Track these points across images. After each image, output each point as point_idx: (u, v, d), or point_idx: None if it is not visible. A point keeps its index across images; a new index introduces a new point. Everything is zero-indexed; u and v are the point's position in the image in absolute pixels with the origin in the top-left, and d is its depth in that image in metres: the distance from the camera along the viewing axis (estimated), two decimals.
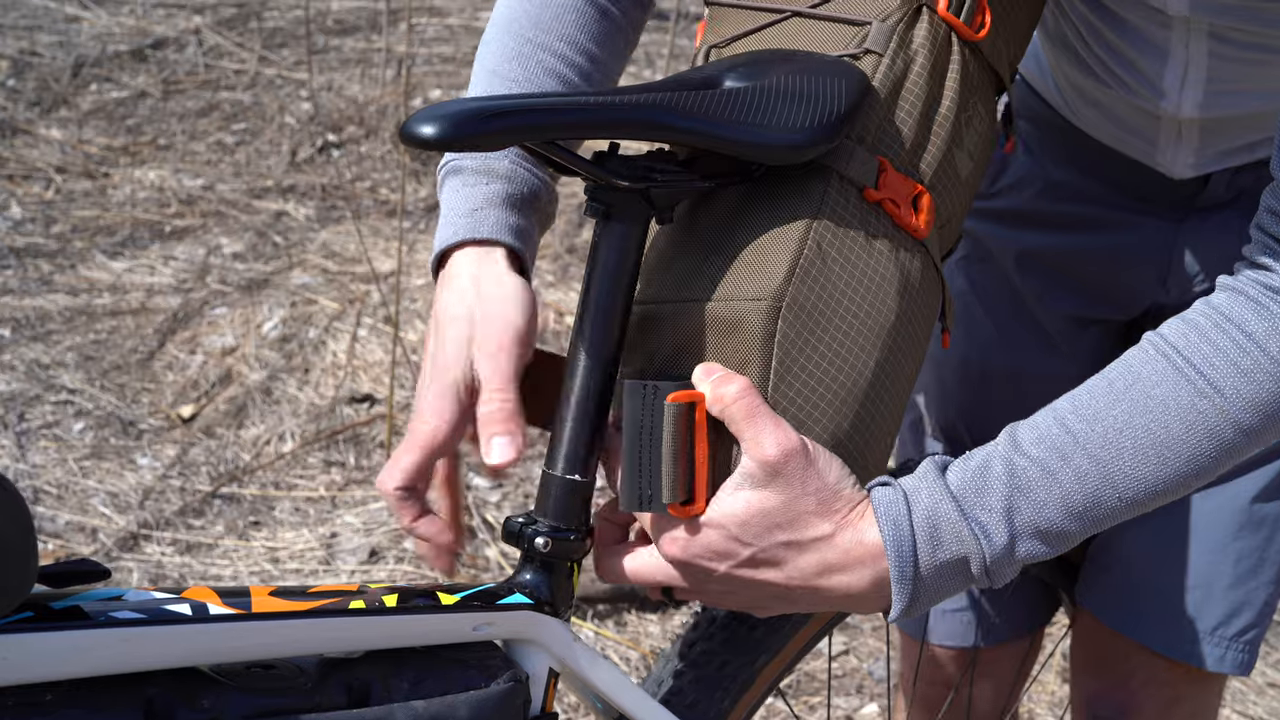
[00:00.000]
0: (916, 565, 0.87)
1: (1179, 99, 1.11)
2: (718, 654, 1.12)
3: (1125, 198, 1.26)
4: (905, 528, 0.87)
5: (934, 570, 0.88)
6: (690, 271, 0.92)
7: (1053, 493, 0.87)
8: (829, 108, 0.90)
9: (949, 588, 0.89)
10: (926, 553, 0.87)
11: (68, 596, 0.75)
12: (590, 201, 0.90)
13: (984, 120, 1.02)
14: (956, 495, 0.88)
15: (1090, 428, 0.88)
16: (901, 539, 0.87)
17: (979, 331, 1.37)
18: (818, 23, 0.98)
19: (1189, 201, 1.23)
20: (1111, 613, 1.31)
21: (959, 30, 0.98)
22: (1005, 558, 0.88)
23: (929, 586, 0.88)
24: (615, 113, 0.85)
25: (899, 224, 0.95)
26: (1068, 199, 1.29)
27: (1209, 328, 0.88)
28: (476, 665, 0.88)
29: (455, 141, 0.80)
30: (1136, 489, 0.88)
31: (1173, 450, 0.87)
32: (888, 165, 0.94)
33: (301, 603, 0.81)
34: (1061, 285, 1.32)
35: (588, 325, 0.90)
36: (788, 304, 0.88)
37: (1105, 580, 1.32)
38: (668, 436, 0.87)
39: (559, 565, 0.93)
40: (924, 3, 0.97)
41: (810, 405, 0.90)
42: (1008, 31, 1.04)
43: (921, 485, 0.88)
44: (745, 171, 0.93)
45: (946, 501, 0.87)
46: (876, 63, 0.96)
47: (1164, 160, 1.20)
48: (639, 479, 0.88)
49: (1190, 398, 0.87)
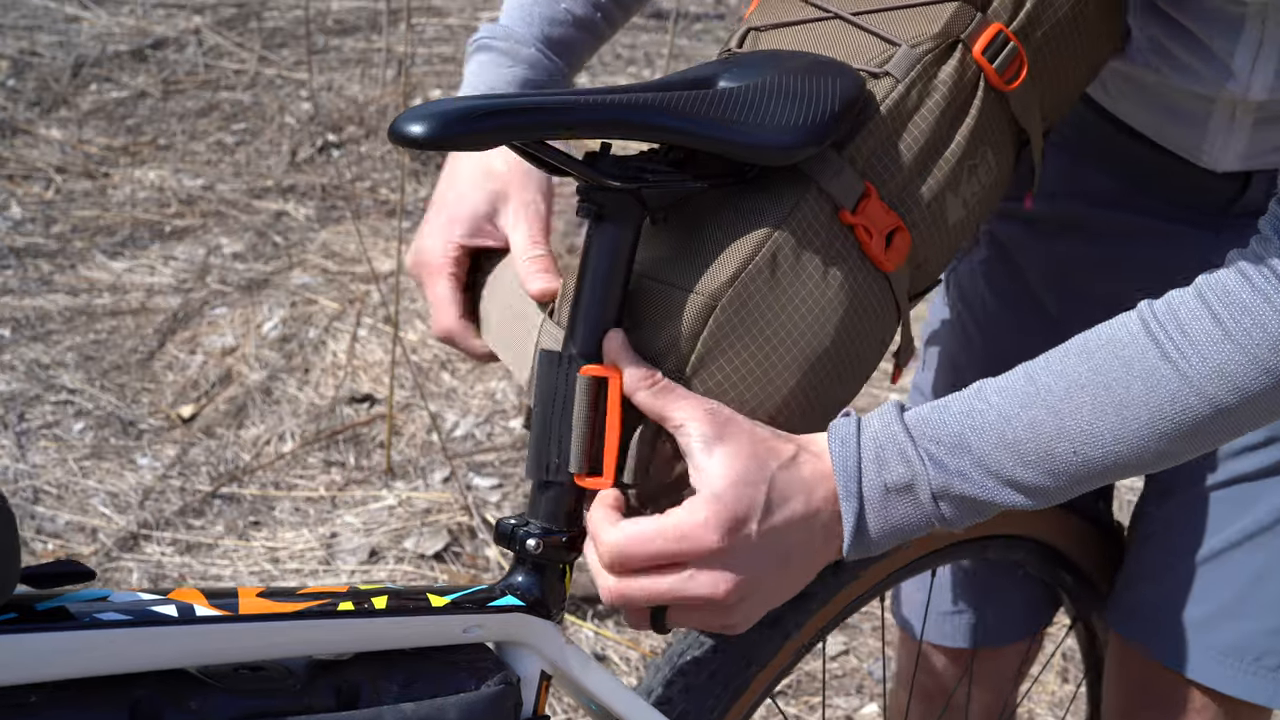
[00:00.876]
0: (860, 482, 0.87)
1: (1249, 79, 1.06)
2: (708, 663, 1.11)
3: (1161, 202, 1.22)
4: (852, 445, 0.88)
5: (879, 492, 0.88)
6: (659, 254, 0.92)
7: (1005, 436, 0.87)
8: (820, 108, 0.90)
9: (898, 519, 0.89)
10: (872, 472, 0.87)
11: (53, 598, 0.74)
12: (582, 202, 0.89)
13: (991, 172, 0.99)
14: (908, 424, 0.88)
15: (1055, 381, 0.88)
16: (848, 456, 0.88)
17: (1000, 340, 1.35)
18: (856, 31, 0.97)
19: (1227, 207, 1.19)
20: (1154, 645, 1.28)
21: (989, 76, 0.96)
22: (953, 489, 0.88)
23: (876, 511, 0.88)
24: (605, 112, 0.84)
25: (866, 253, 0.93)
26: (1100, 204, 1.25)
27: (1190, 295, 0.88)
28: (467, 667, 0.87)
29: (444, 141, 0.80)
30: (1093, 446, 0.87)
31: (1131, 411, 0.86)
32: (873, 193, 0.93)
33: (290, 604, 0.81)
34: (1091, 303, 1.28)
35: (579, 327, 0.90)
36: (722, 305, 0.88)
37: (1149, 609, 1.30)
38: (579, 407, 0.88)
39: (551, 567, 0.92)
40: (962, 39, 0.95)
41: None
42: (1044, 90, 1.01)
43: (875, 415, 0.90)
44: (738, 172, 0.92)
45: (896, 425, 0.88)
46: (891, 86, 0.94)
47: (1210, 150, 1.15)
48: (547, 447, 0.89)
49: (1155, 360, 0.86)
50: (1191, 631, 1.25)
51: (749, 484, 0.86)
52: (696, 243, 0.91)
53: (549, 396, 0.89)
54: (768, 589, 0.89)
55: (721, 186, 0.92)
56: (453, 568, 2.50)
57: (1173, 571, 1.27)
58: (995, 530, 1.28)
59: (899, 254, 0.95)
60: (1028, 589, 1.43)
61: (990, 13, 0.97)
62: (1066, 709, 2.21)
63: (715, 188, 0.92)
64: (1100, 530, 1.39)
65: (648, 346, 0.90)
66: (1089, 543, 1.38)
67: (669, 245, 0.92)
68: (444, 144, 0.80)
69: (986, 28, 0.96)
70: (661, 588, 0.86)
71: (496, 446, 2.85)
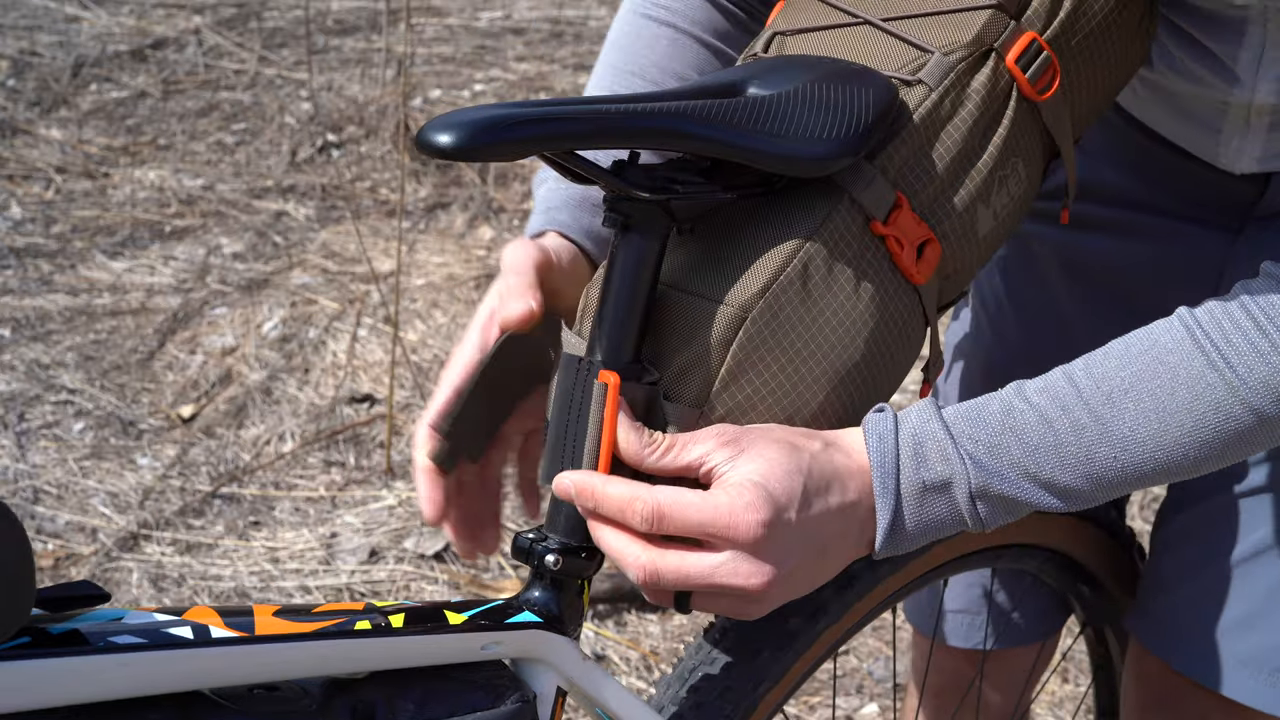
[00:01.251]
0: (898, 479, 0.86)
1: (1255, 83, 1.06)
2: (719, 680, 1.10)
3: (1182, 203, 1.21)
4: (890, 441, 0.87)
5: (917, 490, 0.87)
6: (687, 263, 0.90)
7: (1046, 439, 0.87)
8: (853, 119, 0.87)
9: (932, 517, 0.88)
10: (910, 469, 0.86)
11: (66, 620, 0.74)
12: (608, 212, 0.87)
13: (1021, 183, 0.98)
14: (948, 422, 0.87)
15: (1097, 385, 0.87)
16: (885, 451, 0.86)
17: (1010, 342, 1.35)
18: (885, 37, 0.95)
19: (1248, 208, 1.18)
20: (1176, 656, 1.27)
21: (1021, 86, 0.95)
22: (992, 489, 0.87)
23: (912, 509, 0.87)
24: (635, 121, 0.82)
25: (897, 265, 0.92)
26: (1123, 204, 1.24)
27: (1234, 305, 0.87)
28: (484, 685, 0.86)
29: (472, 151, 0.78)
30: (1134, 452, 0.87)
31: (1175, 418, 0.86)
32: (905, 203, 0.91)
33: (306, 624, 0.79)
34: (1108, 301, 1.28)
35: (601, 341, 0.88)
36: (753, 317, 0.87)
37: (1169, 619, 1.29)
38: (593, 414, 0.86)
39: (568, 583, 0.91)
40: (995, 48, 0.94)
41: (746, 421, 0.88)
42: (1076, 101, 1.00)
43: (913, 411, 0.88)
44: (768, 182, 0.90)
45: (935, 422, 0.87)
46: (925, 95, 0.92)
47: (1227, 153, 1.14)
48: (562, 454, 0.87)
49: (1201, 368, 0.86)
50: (1210, 641, 1.24)
51: (787, 473, 0.84)
52: (726, 253, 0.89)
53: (566, 403, 0.88)
54: (799, 580, 0.87)
55: (751, 197, 0.90)
56: (453, 568, 2.50)
57: (1192, 581, 1.26)
58: (1009, 540, 1.28)
59: (929, 266, 0.93)
60: (1040, 593, 1.43)
61: (1024, 21, 0.95)
62: (1076, 714, 2.22)
63: (744, 198, 0.90)
64: (1113, 538, 1.38)
65: (675, 359, 0.88)
66: (1102, 551, 1.37)
67: (697, 256, 0.90)
68: (472, 154, 0.78)
69: (1020, 36, 0.94)
70: (697, 570, 0.84)
71: None
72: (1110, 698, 1.53)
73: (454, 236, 3.67)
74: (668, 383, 0.88)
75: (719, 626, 1.13)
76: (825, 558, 0.88)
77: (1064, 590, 1.40)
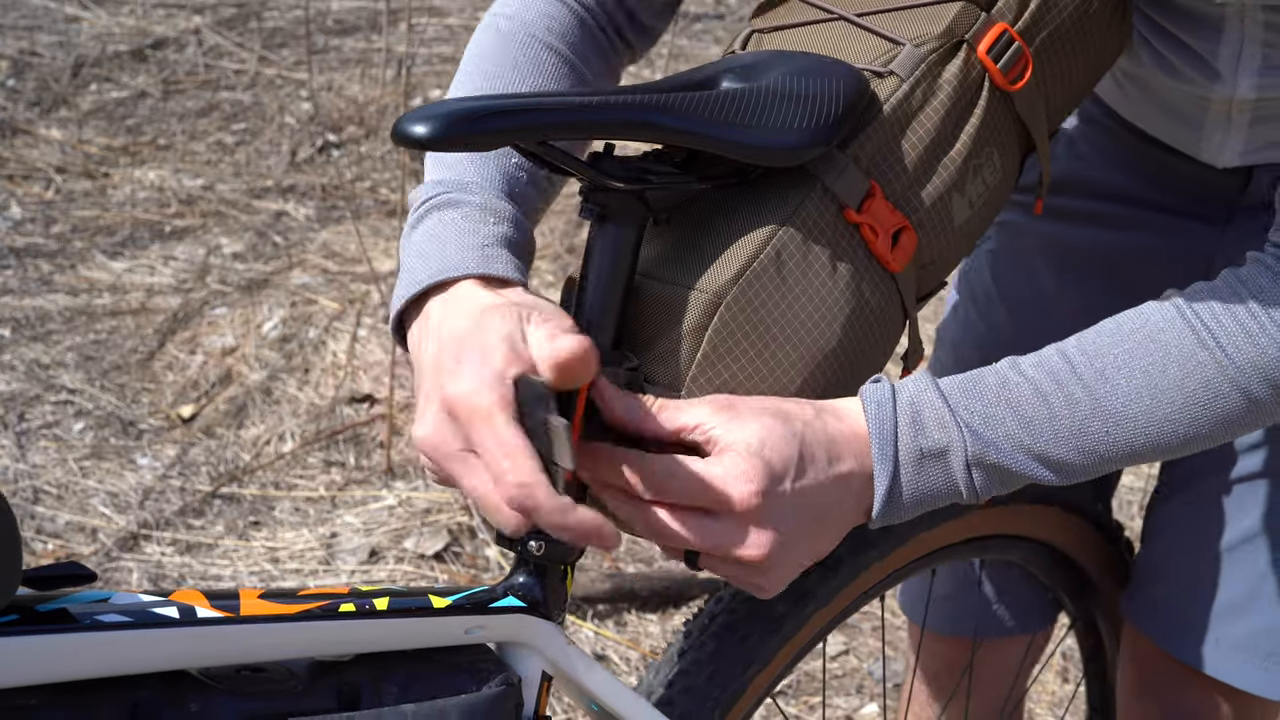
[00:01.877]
0: (897, 445, 0.87)
1: (1235, 79, 1.08)
2: (707, 664, 1.11)
3: (1169, 197, 1.23)
4: (888, 408, 0.88)
5: (915, 457, 0.88)
6: (663, 253, 0.92)
7: (1040, 411, 0.89)
8: (824, 109, 0.89)
9: (929, 486, 0.89)
10: (908, 436, 0.88)
11: (54, 599, 0.74)
12: (585, 203, 0.89)
13: (996, 173, 1.00)
14: (944, 391, 0.89)
15: (1090, 361, 0.89)
16: (883, 418, 0.88)
17: (1000, 332, 1.36)
18: (859, 32, 0.97)
19: (1233, 201, 1.20)
20: (1170, 640, 1.29)
21: (994, 76, 0.96)
22: (987, 458, 0.88)
23: (910, 476, 0.88)
24: (610, 113, 0.84)
25: (872, 252, 0.93)
26: (1110, 199, 1.26)
27: (1223, 288, 0.90)
28: (468, 669, 0.87)
29: (447, 140, 0.79)
30: (1126, 428, 0.89)
31: (1166, 395, 0.89)
32: (878, 191, 0.93)
33: (291, 605, 0.80)
34: (1097, 293, 1.29)
35: (581, 329, 0.89)
36: (728, 302, 0.88)
37: (1162, 604, 1.30)
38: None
39: (552, 568, 0.92)
40: (966, 39, 0.96)
41: None
42: (1050, 91, 1.01)
43: (909, 381, 0.90)
44: (742, 173, 0.92)
45: (932, 391, 0.89)
46: (896, 86, 0.94)
47: (1209, 148, 1.16)
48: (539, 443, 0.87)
49: (1192, 347, 0.88)
50: (1203, 627, 1.26)
51: (781, 439, 0.85)
52: (700, 241, 0.91)
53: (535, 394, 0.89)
54: (800, 550, 0.88)
55: (725, 187, 0.92)
56: (453, 568, 2.50)
57: (1184, 566, 1.27)
58: (995, 529, 1.29)
59: (905, 253, 0.95)
60: (1027, 585, 1.44)
61: (994, 12, 0.97)
62: (1066, 708, 2.22)
63: (719, 188, 0.92)
64: (1099, 530, 1.39)
65: (653, 345, 0.90)
66: (1088, 543, 1.38)
67: (672, 245, 0.92)
68: (447, 144, 0.80)
69: (991, 28, 0.96)
70: (696, 534, 0.85)
71: None
72: (1102, 691, 1.54)
73: None
74: (647, 367, 0.90)
75: (707, 612, 1.15)
76: (823, 525, 0.88)
77: (1052, 583, 1.40)
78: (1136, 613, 1.33)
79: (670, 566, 2.51)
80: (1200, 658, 1.26)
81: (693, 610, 2.45)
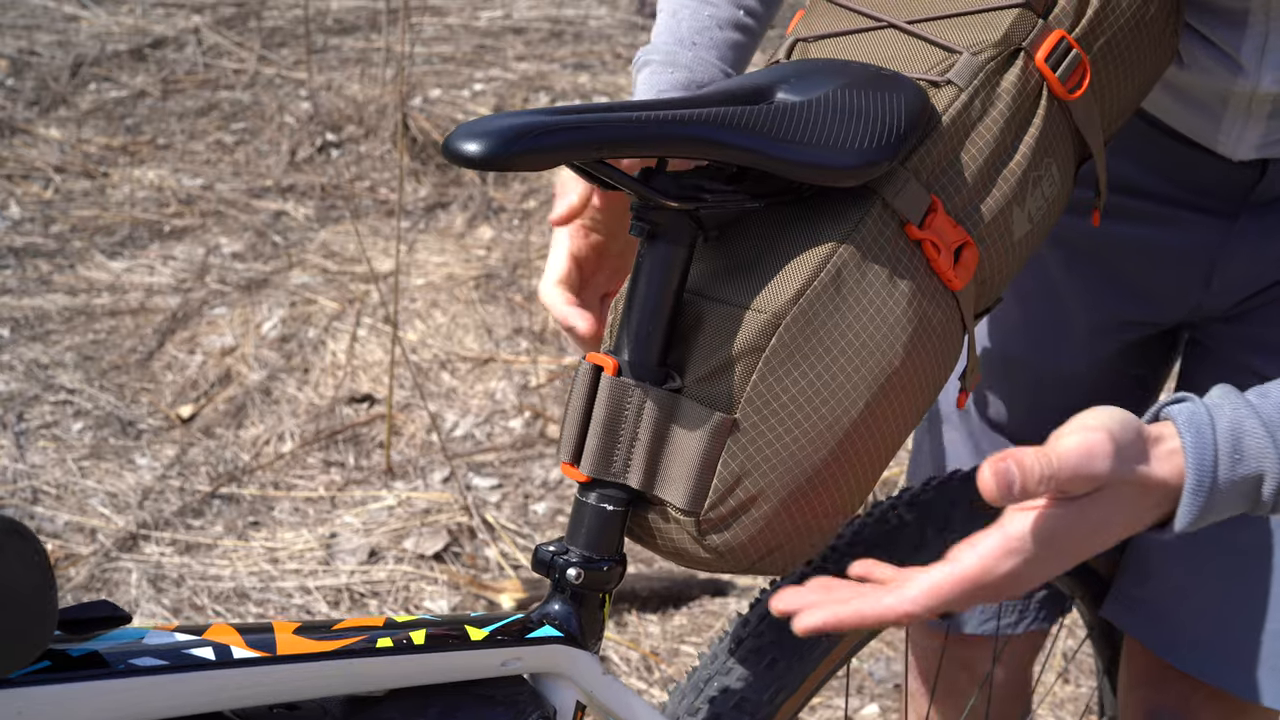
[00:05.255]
0: (1215, 477, 0.82)
1: (1258, 73, 1.06)
2: (735, 691, 1.08)
3: (1179, 190, 1.22)
4: (1208, 436, 0.82)
5: (1230, 485, 0.82)
6: (714, 271, 0.89)
7: None
8: (885, 128, 0.86)
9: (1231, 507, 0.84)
10: (1227, 466, 0.82)
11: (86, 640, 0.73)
12: (635, 220, 0.86)
13: (1054, 185, 0.97)
14: (1261, 414, 0.83)
15: None
16: (1203, 448, 0.82)
17: (1004, 319, 1.35)
18: (910, 40, 0.95)
19: (1245, 195, 1.19)
20: (1160, 643, 1.28)
21: (1052, 85, 0.94)
22: None
23: (1219, 502, 0.83)
24: (668, 129, 0.81)
25: (934, 269, 0.91)
26: (1119, 190, 1.25)
27: None
28: (504, 701, 0.86)
29: (502, 160, 0.77)
30: None
31: None
32: (939, 206, 0.90)
33: (327, 642, 0.79)
34: (1103, 283, 1.29)
35: (626, 349, 0.87)
36: (787, 324, 0.86)
37: (1147, 606, 1.29)
38: (575, 396, 0.88)
39: (590, 596, 0.90)
40: (1023, 47, 0.93)
41: (783, 428, 0.87)
42: (1106, 100, 0.99)
43: (1224, 401, 0.84)
44: (796, 189, 0.89)
45: (1252, 418, 0.83)
46: (955, 96, 0.92)
47: (1227, 140, 1.15)
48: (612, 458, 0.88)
49: None
50: (1194, 631, 1.25)
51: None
52: (755, 260, 0.88)
53: (616, 416, 0.88)
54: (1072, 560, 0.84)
55: (779, 204, 0.89)
56: (452, 568, 2.50)
57: (1173, 571, 1.27)
58: None
59: (967, 270, 0.92)
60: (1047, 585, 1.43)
61: (1051, 19, 0.94)
62: (1066, 709, 2.21)
63: (772, 206, 0.89)
64: None
65: (703, 365, 0.87)
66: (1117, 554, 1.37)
67: (725, 263, 0.89)
68: (502, 164, 0.77)
69: (1049, 35, 0.94)
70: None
71: (496, 446, 2.85)
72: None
73: (454, 236, 3.66)
74: (693, 388, 0.87)
75: (733, 636, 1.12)
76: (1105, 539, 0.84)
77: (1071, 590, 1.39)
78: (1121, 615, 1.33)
79: (670, 567, 2.51)
80: (1192, 662, 1.25)
81: (693, 610, 2.45)
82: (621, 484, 0.88)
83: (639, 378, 0.87)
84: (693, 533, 0.89)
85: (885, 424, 0.91)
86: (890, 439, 0.92)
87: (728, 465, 0.87)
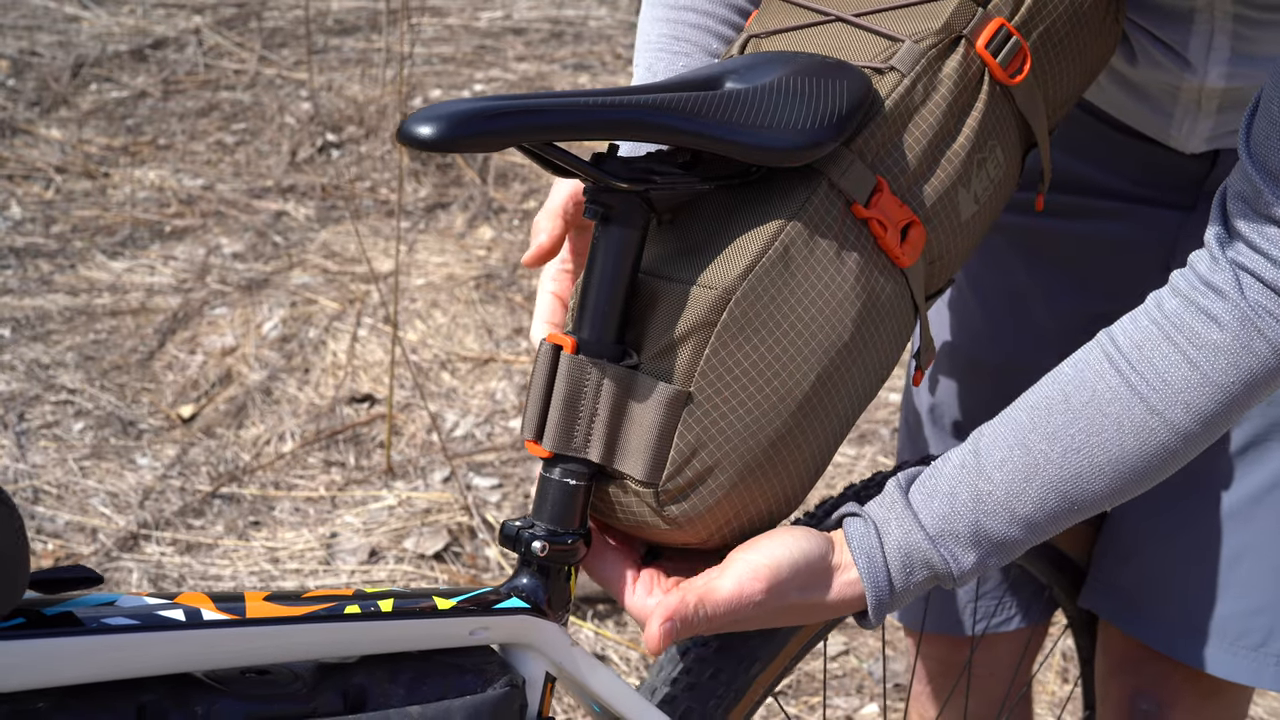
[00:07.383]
0: (892, 589, 0.93)
1: (1205, 69, 1.10)
2: (711, 662, 1.11)
3: (1134, 184, 1.24)
4: (879, 560, 0.93)
5: (907, 590, 0.95)
6: (667, 251, 0.92)
7: (1016, 514, 0.93)
8: (828, 110, 0.90)
9: (917, 595, 0.96)
10: (900, 580, 0.94)
11: (60, 603, 0.74)
12: (589, 204, 0.89)
13: (999, 167, 1.01)
14: (925, 527, 0.93)
15: (1050, 447, 0.92)
16: (876, 571, 0.93)
17: (970, 322, 1.37)
18: (857, 32, 0.98)
19: (1198, 185, 1.22)
20: (1136, 626, 1.30)
21: (993, 70, 0.98)
22: (972, 572, 0.95)
23: (903, 600, 0.95)
24: (613, 113, 0.84)
25: (881, 247, 0.94)
26: (1076, 190, 1.27)
27: (1160, 339, 0.92)
28: (473, 670, 0.87)
29: (452, 142, 0.80)
30: (1090, 500, 0.94)
31: (1126, 464, 0.92)
32: (885, 187, 0.94)
33: (296, 608, 0.80)
34: (1066, 280, 1.31)
35: (584, 329, 0.90)
36: (737, 299, 0.88)
37: (1123, 590, 1.31)
38: (536, 374, 0.90)
39: (556, 569, 0.93)
40: (964, 35, 0.97)
41: (736, 400, 0.89)
42: (1049, 85, 1.03)
43: (891, 517, 0.94)
44: (745, 172, 0.92)
45: (916, 533, 0.93)
46: (897, 81, 0.95)
47: (1179, 134, 1.18)
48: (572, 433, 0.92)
49: (1143, 416, 0.91)
50: (1169, 612, 1.27)
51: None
52: (705, 239, 0.91)
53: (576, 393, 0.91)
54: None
55: (729, 187, 0.92)
56: (453, 568, 2.50)
57: (1148, 551, 1.28)
58: None
59: (914, 249, 0.96)
60: (1025, 579, 1.44)
61: (991, 8, 0.98)
62: (1065, 709, 2.22)
63: (723, 188, 0.92)
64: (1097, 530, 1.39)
65: (657, 342, 0.90)
66: (1085, 541, 1.38)
67: (676, 243, 0.92)
68: (452, 146, 0.80)
69: (988, 23, 0.98)
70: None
71: (496, 446, 2.85)
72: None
73: (454, 236, 3.67)
74: (649, 364, 0.90)
75: None
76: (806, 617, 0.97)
77: (1049, 581, 1.40)
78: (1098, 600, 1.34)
79: None
80: (1166, 643, 1.28)
81: None
82: (583, 459, 0.91)
83: (597, 355, 0.90)
84: (652, 504, 0.91)
85: (838, 398, 0.94)
86: (843, 414, 0.95)
87: (684, 437, 0.89)
